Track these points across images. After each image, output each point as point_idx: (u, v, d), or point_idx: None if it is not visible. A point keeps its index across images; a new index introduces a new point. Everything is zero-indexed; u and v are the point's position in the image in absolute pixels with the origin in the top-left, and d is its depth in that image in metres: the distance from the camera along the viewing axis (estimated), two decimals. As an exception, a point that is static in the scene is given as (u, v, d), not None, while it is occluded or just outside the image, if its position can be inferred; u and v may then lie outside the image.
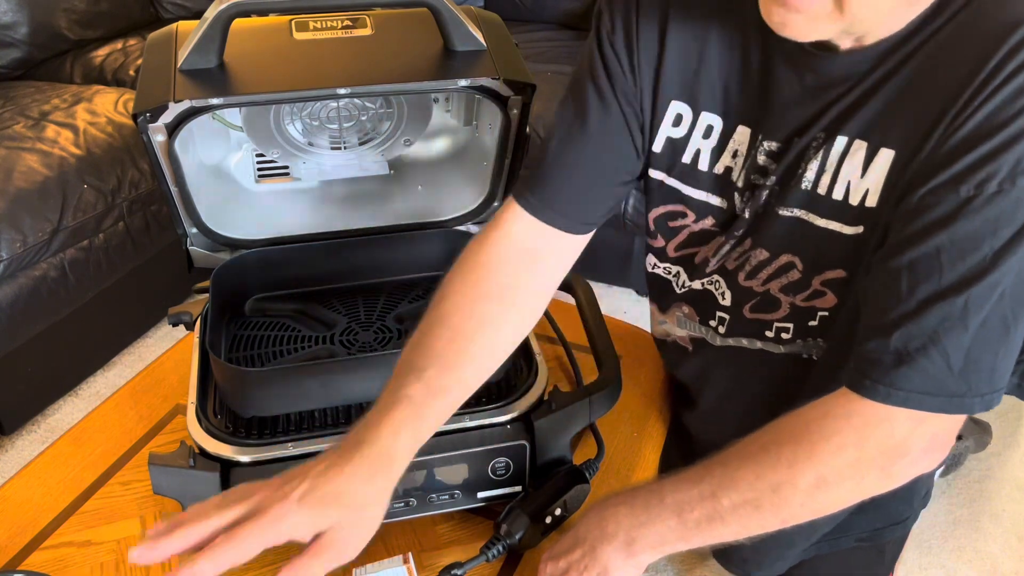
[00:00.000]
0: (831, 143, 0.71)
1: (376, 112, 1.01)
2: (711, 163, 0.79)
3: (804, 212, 0.74)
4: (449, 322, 0.76)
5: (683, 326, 0.91)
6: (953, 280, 0.63)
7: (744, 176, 0.77)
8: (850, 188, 0.71)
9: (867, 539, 0.97)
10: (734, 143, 0.78)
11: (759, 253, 0.79)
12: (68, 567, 0.82)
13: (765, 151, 0.75)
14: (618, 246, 2.17)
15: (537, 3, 2.68)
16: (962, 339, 0.63)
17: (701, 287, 0.86)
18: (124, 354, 2.13)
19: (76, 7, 2.48)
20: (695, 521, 0.70)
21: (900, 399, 0.65)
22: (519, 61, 0.90)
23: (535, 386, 0.86)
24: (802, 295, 0.78)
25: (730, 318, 0.85)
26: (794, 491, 0.67)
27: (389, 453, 0.68)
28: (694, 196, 0.82)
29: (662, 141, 0.81)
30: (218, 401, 0.85)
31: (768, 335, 0.83)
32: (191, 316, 0.95)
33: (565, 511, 0.83)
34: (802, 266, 0.77)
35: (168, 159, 0.85)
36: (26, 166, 1.86)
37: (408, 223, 1.04)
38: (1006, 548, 1.63)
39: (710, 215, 0.82)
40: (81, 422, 0.98)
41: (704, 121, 0.78)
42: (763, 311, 0.82)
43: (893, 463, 0.67)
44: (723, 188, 0.80)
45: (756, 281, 0.80)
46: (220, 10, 0.80)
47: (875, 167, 0.69)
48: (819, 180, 0.72)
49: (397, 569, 0.77)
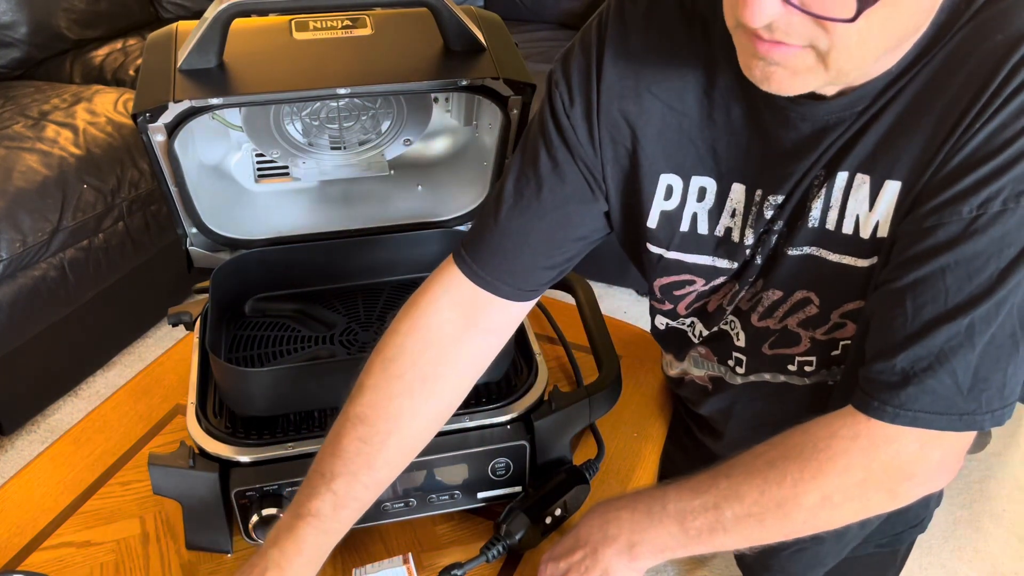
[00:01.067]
0: (832, 179, 0.69)
1: (376, 112, 1.01)
2: (711, 226, 0.77)
3: (814, 249, 0.72)
4: (364, 421, 0.74)
5: (700, 367, 0.90)
6: (959, 301, 0.62)
7: (752, 233, 0.75)
8: (859, 222, 0.69)
9: (886, 544, 0.96)
10: (731, 202, 0.75)
11: (772, 294, 0.77)
12: (68, 567, 0.82)
13: (772, 205, 0.73)
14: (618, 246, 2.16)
15: (537, 3, 2.68)
16: (969, 358, 0.63)
17: (717, 329, 0.84)
18: (124, 354, 2.13)
19: (76, 7, 2.48)
20: (697, 530, 0.70)
21: (908, 419, 0.64)
22: (519, 61, 0.90)
23: (535, 386, 0.86)
24: (822, 329, 0.77)
25: (747, 358, 0.83)
26: (798, 509, 0.67)
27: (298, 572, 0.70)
28: (699, 263, 0.79)
29: (656, 216, 0.77)
30: (218, 401, 0.85)
31: (791, 369, 0.81)
32: (191, 316, 0.95)
33: (565, 511, 0.83)
34: (819, 301, 0.75)
35: (168, 159, 0.85)
36: (26, 166, 1.86)
37: (408, 223, 1.04)
38: (1006, 548, 1.63)
39: (720, 276, 0.79)
40: (81, 422, 0.98)
41: (695, 185, 0.75)
42: (783, 346, 0.80)
43: (899, 484, 0.67)
44: (728, 249, 0.77)
45: (772, 320, 0.79)
46: (220, 10, 0.80)
47: (883, 199, 0.67)
48: (826, 217, 0.70)
49: (397, 569, 0.77)
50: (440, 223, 1.04)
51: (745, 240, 0.75)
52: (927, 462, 0.66)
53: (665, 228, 0.78)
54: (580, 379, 1.01)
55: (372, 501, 0.74)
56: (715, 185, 0.75)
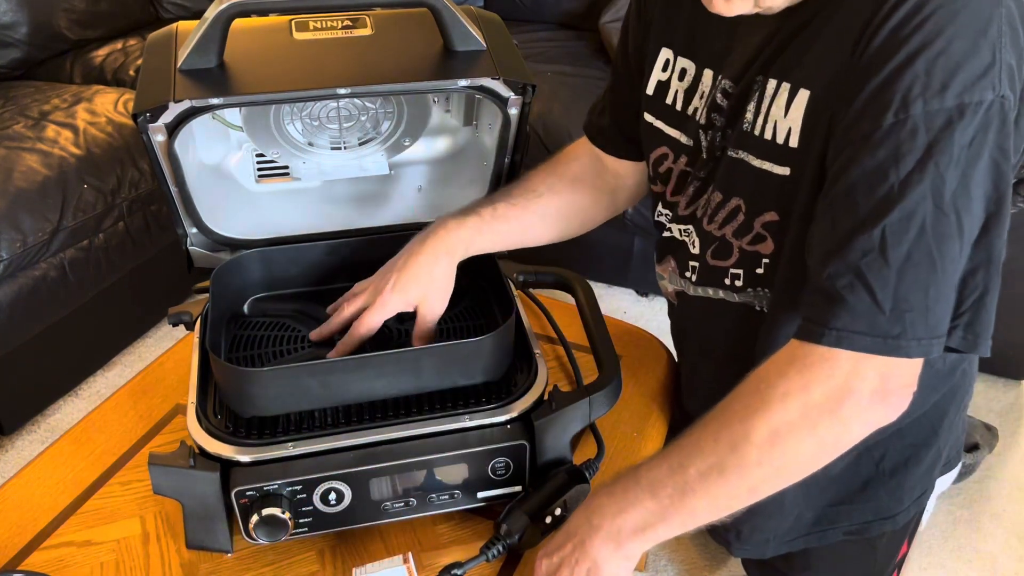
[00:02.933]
0: (765, 85, 0.74)
1: (376, 112, 1.01)
2: (684, 104, 0.86)
3: (744, 153, 0.77)
4: (528, 183, 0.97)
5: (672, 282, 0.95)
6: (867, 212, 0.64)
7: (705, 114, 0.82)
8: (776, 128, 0.74)
9: (855, 532, 0.97)
10: (702, 85, 0.84)
11: (715, 195, 0.82)
12: (68, 567, 0.82)
13: (721, 89, 0.80)
14: (618, 246, 2.16)
15: (537, 3, 2.68)
16: (885, 274, 0.64)
17: (679, 235, 0.90)
18: (124, 354, 2.13)
19: (76, 7, 2.48)
20: (669, 498, 0.70)
21: (833, 339, 0.65)
22: (519, 61, 0.90)
23: (535, 386, 0.86)
24: (747, 238, 0.80)
25: (699, 266, 0.88)
26: (749, 447, 0.67)
27: (450, 241, 0.89)
28: (671, 134, 0.88)
29: (654, 84, 0.89)
30: (218, 401, 0.85)
31: (726, 283, 0.85)
32: (191, 316, 0.95)
33: (565, 511, 0.83)
34: (745, 207, 0.79)
35: (168, 159, 0.85)
36: (26, 166, 1.86)
37: (408, 223, 1.04)
38: (1006, 548, 1.63)
39: (683, 154, 0.87)
40: (81, 422, 0.98)
41: (679, 64, 0.86)
42: (720, 258, 0.84)
43: (840, 406, 0.66)
44: (688, 126, 0.85)
45: (714, 225, 0.84)
46: (220, 10, 0.80)
47: (795, 106, 0.72)
48: (755, 121, 0.75)
49: (397, 569, 0.77)
50: (440, 223, 1.04)
51: (701, 120, 0.83)
52: (863, 380, 0.66)
53: (658, 97, 0.89)
54: (580, 379, 1.01)
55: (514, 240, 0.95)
56: (693, 67, 0.85)
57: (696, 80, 0.84)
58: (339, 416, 0.84)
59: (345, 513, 0.80)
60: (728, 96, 0.79)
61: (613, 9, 2.41)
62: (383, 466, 0.79)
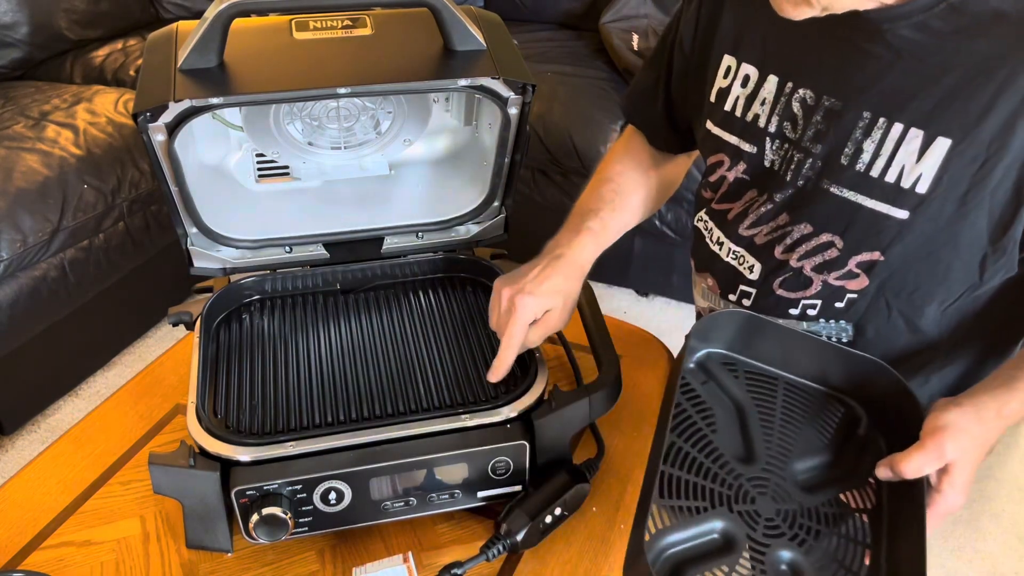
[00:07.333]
0: (890, 128, 0.73)
1: (376, 112, 1.01)
2: (744, 111, 0.86)
3: (853, 193, 0.76)
4: (615, 181, 1.00)
5: (706, 298, 0.96)
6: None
7: (777, 123, 0.82)
8: (903, 172, 0.73)
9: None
10: (764, 91, 0.83)
11: (803, 227, 0.81)
12: (68, 567, 0.82)
13: (799, 99, 0.79)
14: (618, 246, 2.15)
15: (537, 3, 2.68)
16: None
17: (724, 256, 0.90)
18: (124, 354, 2.13)
19: (76, 7, 2.48)
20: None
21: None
22: (519, 61, 0.90)
23: (535, 386, 0.86)
24: (835, 273, 0.80)
25: (757, 292, 0.87)
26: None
27: (580, 262, 0.91)
28: (730, 142, 0.88)
29: (715, 92, 0.90)
30: (218, 401, 0.85)
31: (792, 312, 0.85)
32: (191, 316, 0.95)
33: (565, 511, 0.83)
34: (842, 245, 0.79)
35: (168, 159, 0.85)
36: (26, 166, 1.86)
37: (408, 223, 1.04)
38: (1006, 548, 1.63)
39: (741, 160, 0.87)
40: (81, 422, 0.98)
41: (743, 71, 0.86)
42: (793, 289, 0.84)
43: None
44: (753, 134, 0.85)
45: (792, 256, 0.83)
46: (220, 10, 0.80)
47: (930, 155, 0.71)
48: (873, 163, 0.74)
49: (397, 569, 0.77)
50: (440, 223, 1.04)
51: (771, 128, 0.82)
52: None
53: (719, 104, 0.89)
54: (580, 379, 1.01)
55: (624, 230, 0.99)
56: (756, 73, 0.85)
57: (758, 86, 0.84)
58: (339, 416, 0.84)
59: (345, 513, 0.80)
60: (810, 110, 0.78)
61: (613, 9, 2.42)
62: (383, 466, 0.79)
